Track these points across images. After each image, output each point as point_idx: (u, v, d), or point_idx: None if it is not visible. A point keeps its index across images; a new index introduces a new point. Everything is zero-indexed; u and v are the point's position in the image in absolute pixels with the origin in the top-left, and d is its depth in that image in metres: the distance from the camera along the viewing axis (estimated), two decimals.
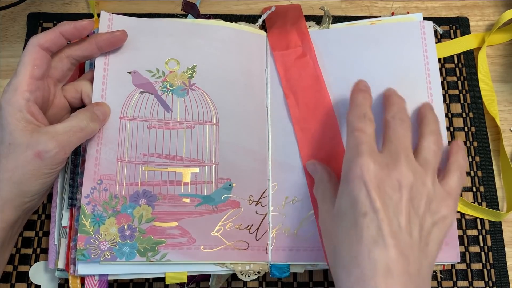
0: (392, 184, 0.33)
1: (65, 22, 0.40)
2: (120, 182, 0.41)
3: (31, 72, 0.37)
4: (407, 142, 0.36)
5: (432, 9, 0.53)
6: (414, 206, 0.33)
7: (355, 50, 0.46)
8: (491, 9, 0.54)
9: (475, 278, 0.45)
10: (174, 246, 0.40)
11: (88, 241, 0.39)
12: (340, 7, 0.54)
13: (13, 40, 0.52)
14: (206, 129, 0.43)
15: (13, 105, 0.36)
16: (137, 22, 0.45)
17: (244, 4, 0.54)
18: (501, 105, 0.50)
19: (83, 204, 0.40)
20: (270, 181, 0.43)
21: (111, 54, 0.43)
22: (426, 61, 0.45)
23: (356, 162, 0.33)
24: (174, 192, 0.41)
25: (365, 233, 0.31)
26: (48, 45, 0.38)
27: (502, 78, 0.51)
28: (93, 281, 0.39)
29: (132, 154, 0.41)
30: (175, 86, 0.44)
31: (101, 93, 0.42)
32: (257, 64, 0.46)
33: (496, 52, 0.52)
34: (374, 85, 0.44)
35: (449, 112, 0.49)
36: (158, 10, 0.53)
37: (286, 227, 0.42)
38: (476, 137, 0.48)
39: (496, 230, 0.46)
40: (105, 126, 0.42)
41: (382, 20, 0.47)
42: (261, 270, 0.41)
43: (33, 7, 0.53)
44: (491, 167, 0.48)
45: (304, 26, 0.47)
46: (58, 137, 0.36)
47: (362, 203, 0.32)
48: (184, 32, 0.46)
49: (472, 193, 0.47)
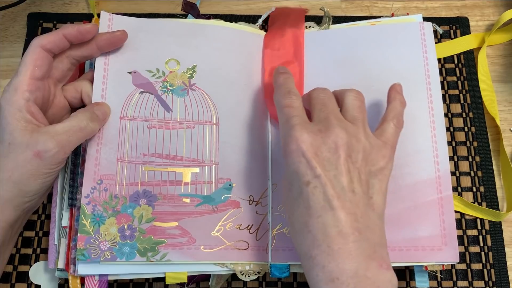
0: (328, 147, 0.34)
1: (69, 25, 0.40)
2: (120, 182, 0.41)
3: (31, 73, 0.37)
4: (332, 105, 0.37)
5: (432, 9, 0.53)
6: (353, 163, 0.34)
7: (355, 51, 0.46)
8: (491, 9, 0.54)
9: (475, 278, 0.45)
10: (174, 246, 0.40)
11: (88, 241, 0.39)
12: (340, 7, 0.54)
13: (13, 40, 0.52)
14: (206, 129, 0.43)
15: (13, 105, 0.36)
16: (137, 22, 0.45)
17: (244, 4, 0.54)
18: (501, 105, 0.50)
19: (83, 204, 0.40)
20: (270, 181, 0.43)
21: (111, 54, 0.43)
22: (426, 62, 0.45)
23: (290, 136, 0.35)
24: (174, 192, 0.41)
25: (311, 201, 0.33)
26: (50, 47, 0.38)
27: (502, 78, 0.51)
28: (93, 281, 0.39)
29: (132, 154, 0.41)
30: (175, 86, 0.44)
31: (101, 93, 0.42)
32: (257, 64, 0.46)
33: (496, 52, 0.52)
34: (374, 85, 0.45)
35: (449, 112, 0.49)
36: (158, 10, 0.53)
37: (286, 227, 0.42)
38: (476, 137, 0.48)
39: (496, 230, 0.46)
40: (105, 126, 0.42)
41: (382, 21, 0.47)
42: (261, 270, 0.41)
43: (33, 7, 0.53)
44: (491, 167, 0.48)
45: (301, 34, 0.47)
46: (58, 136, 0.36)
47: (304, 172, 0.33)
48: (184, 32, 0.46)
49: (472, 193, 0.47)
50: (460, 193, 0.47)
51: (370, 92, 0.44)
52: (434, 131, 0.43)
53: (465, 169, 0.48)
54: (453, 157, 0.48)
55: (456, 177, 0.47)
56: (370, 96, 0.44)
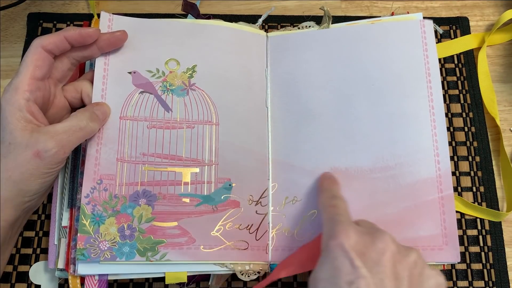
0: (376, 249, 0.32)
1: (71, 28, 0.40)
2: (120, 182, 0.41)
3: (32, 73, 0.37)
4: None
5: (432, 9, 0.54)
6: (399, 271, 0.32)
7: (355, 50, 0.46)
8: (491, 9, 0.54)
9: (475, 278, 0.45)
10: (174, 246, 0.40)
11: (88, 241, 0.39)
12: (340, 7, 0.54)
13: (13, 40, 0.52)
14: (206, 129, 0.43)
15: (13, 104, 0.36)
16: (137, 22, 0.45)
17: (244, 4, 0.54)
18: (501, 105, 0.50)
19: (83, 204, 0.39)
20: (270, 181, 0.43)
21: (111, 54, 0.43)
22: (427, 60, 0.45)
23: (335, 231, 0.33)
24: (174, 192, 0.41)
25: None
26: (51, 48, 0.38)
27: (502, 78, 0.51)
28: (93, 281, 0.39)
29: (132, 154, 0.41)
30: (175, 86, 0.44)
31: (101, 93, 0.42)
32: (257, 64, 0.46)
33: (496, 52, 0.52)
34: (374, 85, 0.45)
35: (449, 112, 0.49)
36: (158, 10, 0.53)
37: (286, 227, 0.42)
38: (476, 137, 0.48)
39: (496, 230, 0.46)
40: (105, 126, 0.42)
41: (382, 20, 0.47)
42: (261, 270, 0.41)
43: (33, 7, 0.53)
44: (491, 167, 0.48)
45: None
46: (58, 136, 0.36)
47: (346, 271, 0.31)
48: (184, 32, 0.46)
49: (472, 193, 0.47)
50: (460, 193, 0.47)
51: (370, 91, 0.44)
52: (435, 129, 0.43)
53: (465, 169, 0.48)
54: (453, 157, 0.48)
55: (456, 177, 0.47)
56: (370, 95, 0.44)
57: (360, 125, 0.44)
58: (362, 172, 0.43)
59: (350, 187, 0.42)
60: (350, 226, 0.33)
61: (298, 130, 0.44)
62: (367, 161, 0.43)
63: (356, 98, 0.44)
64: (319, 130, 0.44)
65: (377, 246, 0.32)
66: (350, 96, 0.45)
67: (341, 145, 0.43)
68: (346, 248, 0.31)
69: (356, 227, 0.34)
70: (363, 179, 0.42)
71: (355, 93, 0.45)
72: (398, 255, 0.32)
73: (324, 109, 0.45)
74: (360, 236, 0.32)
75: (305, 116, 0.45)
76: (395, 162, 0.42)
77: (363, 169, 0.43)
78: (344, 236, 0.32)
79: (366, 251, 0.32)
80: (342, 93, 0.45)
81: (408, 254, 0.33)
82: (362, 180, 0.42)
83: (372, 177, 0.42)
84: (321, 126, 0.44)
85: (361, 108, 0.44)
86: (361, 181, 0.42)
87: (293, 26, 0.51)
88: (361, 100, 0.44)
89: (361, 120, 0.44)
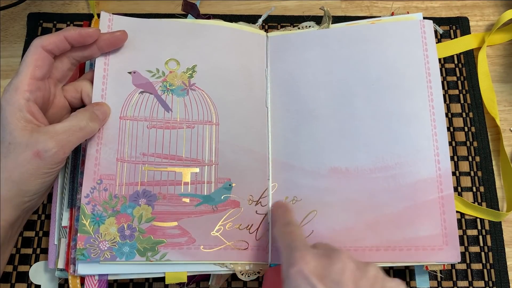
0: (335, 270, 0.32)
1: (71, 28, 0.40)
2: (120, 182, 0.41)
3: (32, 73, 0.37)
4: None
5: (432, 9, 0.54)
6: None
7: (355, 50, 0.46)
8: (491, 9, 0.54)
9: (475, 278, 0.45)
10: (174, 246, 0.40)
11: (88, 241, 0.39)
12: (340, 7, 0.54)
13: (13, 40, 0.52)
14: (206, 129, 0.43)
15: (13, 104, 0.36)
16: (137, 23, 0.45)
17: (244, 4, 0.54)
18: (501, 105, 0.50)
19: (83, 204, 0.39)
20: (270, 181, 0.43)
21: (111, 54, 0.43)
22: (427, 60, 0.45)
23: (293, 258, 0.33)
24: (174, 192, 0.41)
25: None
26: (51, 48, 0.38)
27: (502, 78, 0.51)
28: (93, 281, 0.39)
29: (132, 154, 0.41)
30: (175, 86, 0.44)
31: (101, 93, 0.42)
32: (257, 64, 0.46)
33: (496, 52, 0.52)
34: (374, 85, 0.45)
35: (449, 112, 0.49)
36: (158, 10, 0.53)
37: None
38: (476, 137, 0.48)
39: (496, 230, 0.46)
40: (105, 126, 0.42)
41: (382, 20, 0.47)
42: (261, 270, 0.41)
43: (33, 7, 0.53)
44: (491, 167, 0.48)
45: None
46: (58, 136, 0.36)
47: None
48: (184, 32, 0.46)
49: (472, 193, 0.47)
50: (460, 193, 0.47)
51: (370, 91, 0.44)
52: (435, 129, 0.43)
53: (465, 169, 0.48)
54: (453, 157, 0.48)
55: (456, 177, 0.47)
56: (370, 95, 0.44)
57: (360, 125, 0.44)
58: (362, 172, 0.43)
59: (350, 187, 0.42)
60: (307, 251, 0.33)
61: (298, 130, 0.44)
62: (367, 161, 0.43)
63: (356, 98, 0.44)
64: (319, 130, 0.44)
65: (336, 266, 0.32)
66: (350, 96, 0.45)
67: (341, 145, 0.43)
68: (306, 274, 0.31)
69: (313, 250, 0.34)
70: (363, 179, 0.42)
71: (355, 93, 0.45)
72: (358, 271, 0.32)
73: (324, 109, 0.45)
74: (318, 259, 0.33)
75: (305, 116, 0.45)
76: (395, 162, 0.42)
77: (363, 169, 0.43)
78: (302, 262, 0.32)
79: (326, 273, 0.32)
80: (342, 93, 0.45)
81: (367, 269, 0.33)
82: (362, 180, 0.42)
83: (372, 177, 0.42)
84: (321, 126, 0.44)
85: (361, 108, 0.44)
86: (361, 181, 0.42)
87: (293, 26, 0.51)
88: (361, 100, 0.44)
89: (361, 120, 0.44)
